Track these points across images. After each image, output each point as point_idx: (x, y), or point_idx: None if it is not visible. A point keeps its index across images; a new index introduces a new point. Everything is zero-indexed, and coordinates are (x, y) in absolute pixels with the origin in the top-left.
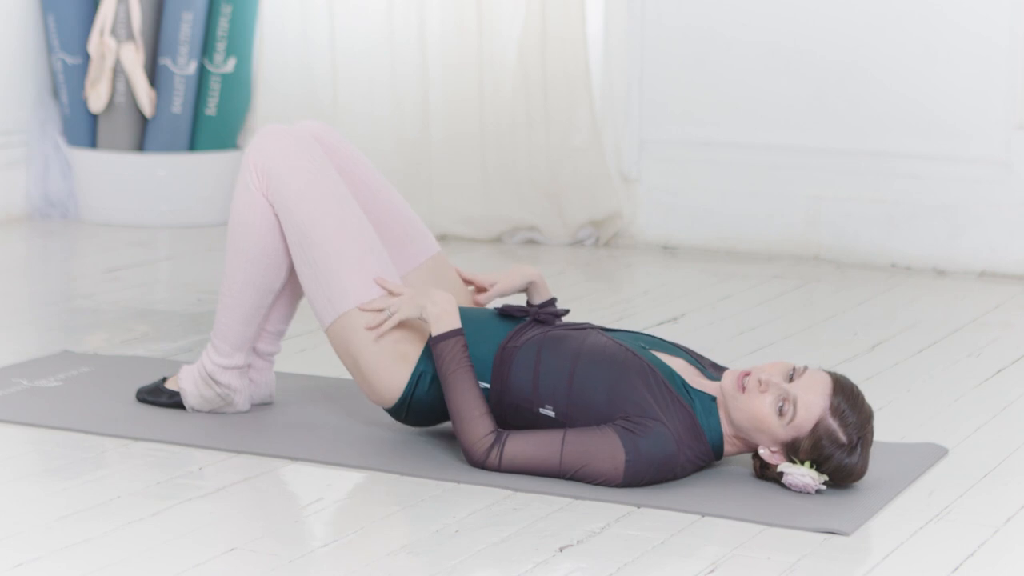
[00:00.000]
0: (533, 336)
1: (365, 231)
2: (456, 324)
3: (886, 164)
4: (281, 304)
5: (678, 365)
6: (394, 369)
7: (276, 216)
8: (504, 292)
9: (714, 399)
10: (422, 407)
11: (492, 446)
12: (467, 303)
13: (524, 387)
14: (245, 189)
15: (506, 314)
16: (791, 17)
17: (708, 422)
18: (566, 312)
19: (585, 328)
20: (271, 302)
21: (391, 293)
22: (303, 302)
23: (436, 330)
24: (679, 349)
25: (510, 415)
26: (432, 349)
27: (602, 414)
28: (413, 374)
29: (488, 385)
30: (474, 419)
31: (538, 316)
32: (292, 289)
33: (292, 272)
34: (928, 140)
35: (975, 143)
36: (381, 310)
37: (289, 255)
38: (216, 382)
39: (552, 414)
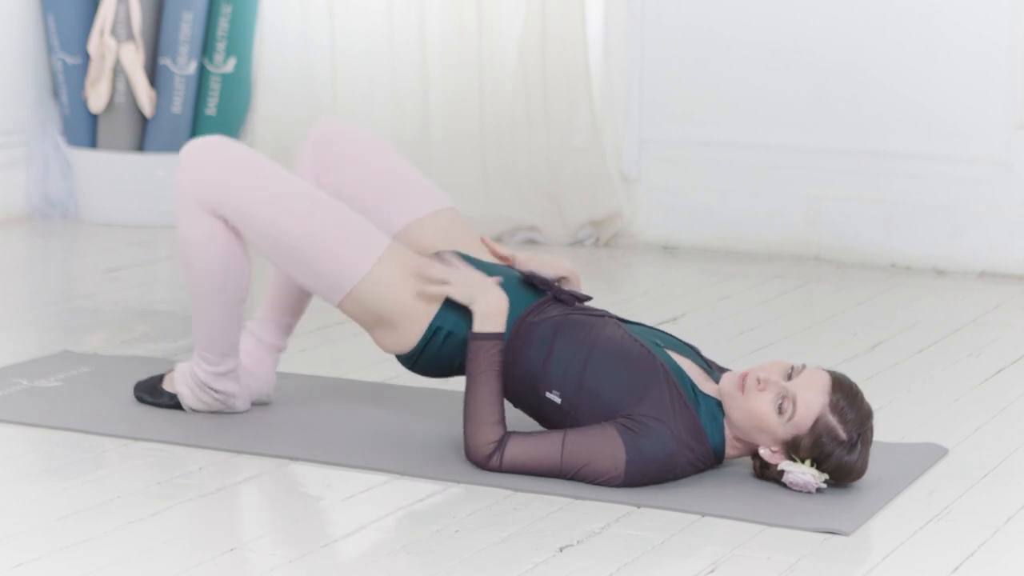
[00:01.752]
0: (552, 316)
1: (330, 207)
2: (500, 328)
3: (886, 164)
4: (285, 295)
5: (687, 365)
6: (410, 322)
7: (225, 230)
8: (533, 270)
9: (721, 404)
10: (432, 360)
11: (494, 452)
12: (485, 257)
13: (534, 366)
14: (187, 214)
15: (530, 283)
16: (791, 17)
17: (712, 426)
18: (589, 298)
19: (603, 316)
20: (243, 308)
21: (451, 267)
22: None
23: (479, 327)
24: (689, 349)
25: (513, 391)
26: (469, 343)
27: (609, 408)
28: (429, 328)
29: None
30: (485, 425)
31: (559, 294)
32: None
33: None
34: (928, 140)
35: (975, 143)
36: (440, 282)
37: (247, 260)
38: (212, 389)
39: (558, 400)
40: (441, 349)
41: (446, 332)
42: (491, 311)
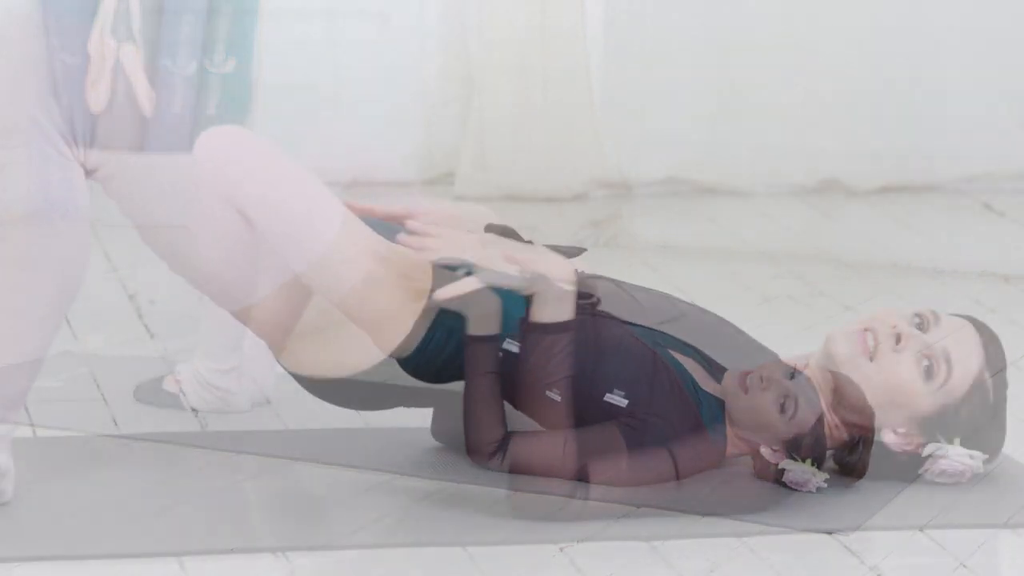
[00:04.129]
0: None
1: (315, 185)
2: (496, 330)
3: None
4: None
5: (689, 364)
6: (398, 321)
7: (236, 217)
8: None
9: (722, 403)
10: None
11: (496, 452)
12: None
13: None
14: (203, 201)
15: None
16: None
17: (713, 425)
18: (590, 299)
19: (605, 316)
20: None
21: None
22: None
23: (474, 330)
24: (691, 349)
25: (513, 393)
26: (465, 347)
27: (611, 407)
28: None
29: (517, 350)
30: (487, 424)
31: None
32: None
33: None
34: None
35: None
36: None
37: (254, 251)
38: (215, 387)
39: (558, 399)
40: (441, 350)
41: (440, 336)
42: (486, 313)
